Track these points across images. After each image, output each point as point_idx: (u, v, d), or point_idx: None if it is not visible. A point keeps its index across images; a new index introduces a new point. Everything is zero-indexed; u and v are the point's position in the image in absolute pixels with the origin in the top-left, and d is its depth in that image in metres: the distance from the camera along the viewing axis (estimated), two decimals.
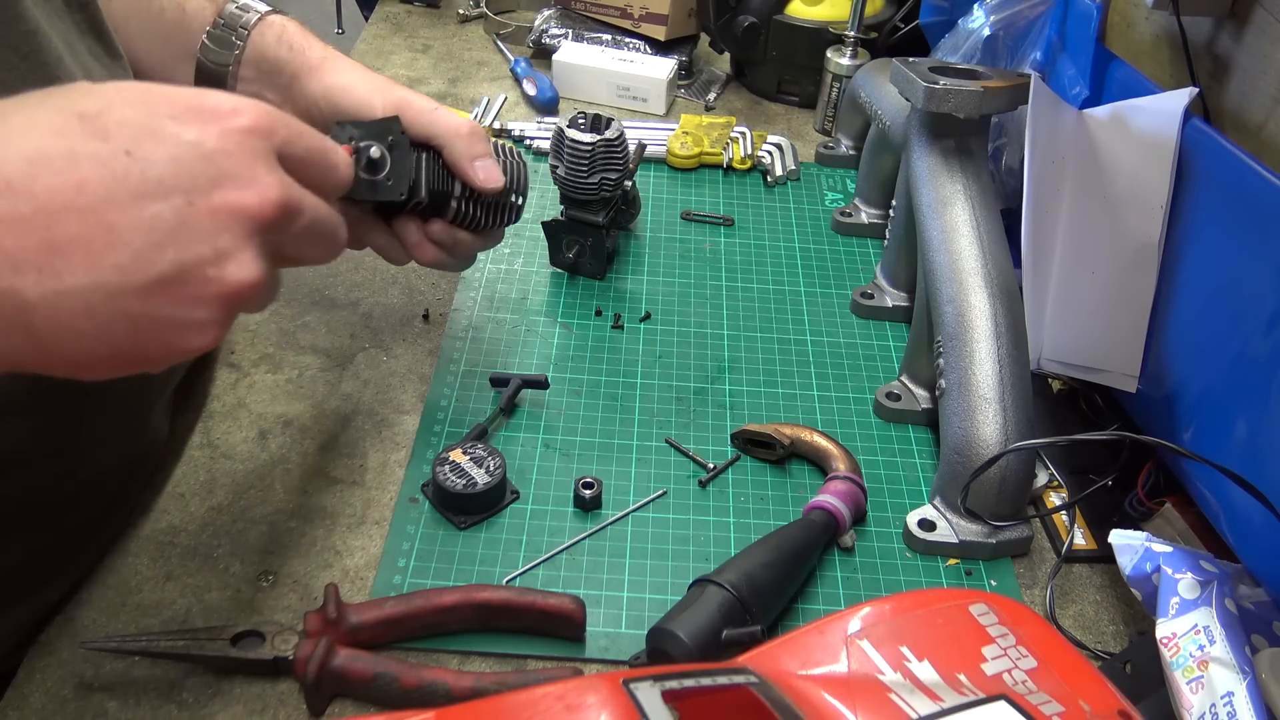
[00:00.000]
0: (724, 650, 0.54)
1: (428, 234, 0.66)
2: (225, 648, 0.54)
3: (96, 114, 0.38)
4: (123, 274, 0.38)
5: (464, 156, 0.64)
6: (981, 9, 0.86)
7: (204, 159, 0.40)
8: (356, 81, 0.65)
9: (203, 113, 0.40)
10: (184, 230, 0.39)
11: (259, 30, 0.66)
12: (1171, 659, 0.52)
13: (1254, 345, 0.59)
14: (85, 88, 0.40)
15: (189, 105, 0.40)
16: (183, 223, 0.39)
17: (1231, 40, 0.68)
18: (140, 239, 0.38)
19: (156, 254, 0.38)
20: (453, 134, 0.63)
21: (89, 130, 0.38)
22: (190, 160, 0.39)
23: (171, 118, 0.40)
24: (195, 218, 0.39)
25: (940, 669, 0.48)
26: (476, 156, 0.64)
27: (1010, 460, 0.64)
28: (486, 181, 0.64)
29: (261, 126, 0.42)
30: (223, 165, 0.40)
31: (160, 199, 0.38)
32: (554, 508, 0.67)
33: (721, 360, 0.81)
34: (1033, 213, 0.70)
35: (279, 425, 0.71)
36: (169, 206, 0.38)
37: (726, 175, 1.05)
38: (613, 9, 1.23)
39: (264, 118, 0.42)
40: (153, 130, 0.39)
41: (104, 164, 0.38)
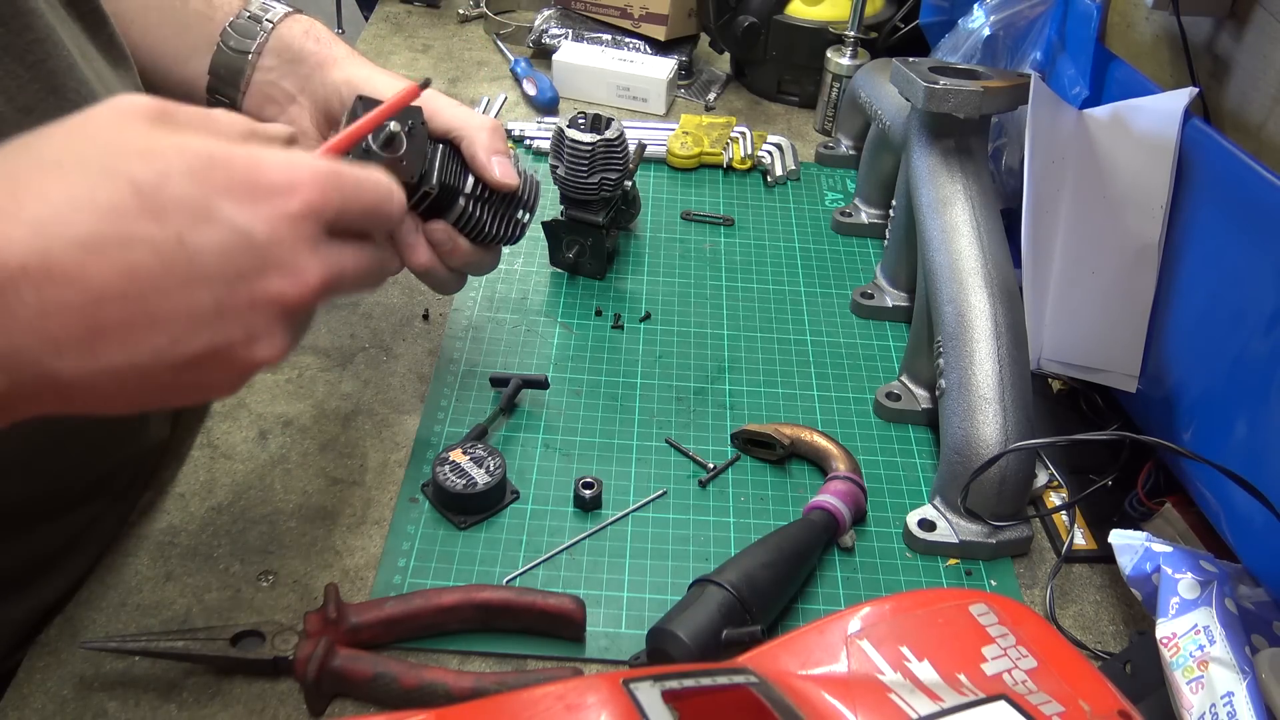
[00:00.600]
0: (724, 650, 0.54)
1: (426, 233, 0.64)
2: (225, 648, 0.54)
3: (153, 189, 0.38)
4: (157, 355, 0.38)
5: (484, 149, 0.63)
6: (981, 9, 0.86)
7: (252, 249, 0.39)
8: (379, 75, 0.66)
9: (257, 192, 0.40)
10: (222, 317, 0.39)
11: (286, 23, 0.67)
12: (1171, 659, 0.52)
13: (1254, 345, 0.59)
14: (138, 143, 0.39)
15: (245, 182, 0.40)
16: (221, 311, 0.39)
17: (1231, 40, 0.68)
18: (180, 325, 0.38)
19: (193, 338, 0.39)
20: (476, 127, 0.63)
21: (144, 209, 0.37)
22: (239, 250, 0.39)
23: (227, 195, 0.39)
24: (235, 305, 0.39)
25: (940, 669, 0.48)
26: (496, 152, 0.64)
27: (1010, 460, 0.64)
28: (502, 178, 0.64)
29: (314, 206, 0.41)
30: (269, 254, 0.40)
31: (204, 287, 0.39)
32: (554, 508, 0.67)
33: (721, 360, 0.81)
34: (1033, 213, 0.70)
35: (279, 425, 0.71)
36: (211, 295, 0.39)
37: (726, 175, 1.05)
38: (613, 9, 1.23)
39: (317, 195, 0.41)
40: (207, 213, 0.39)
41: (157, 251, 0.37)
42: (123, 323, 0.37)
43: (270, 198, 0.40)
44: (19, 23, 0.51)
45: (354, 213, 0.44)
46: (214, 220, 0.39)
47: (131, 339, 0.37)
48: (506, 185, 0.64)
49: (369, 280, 0.46)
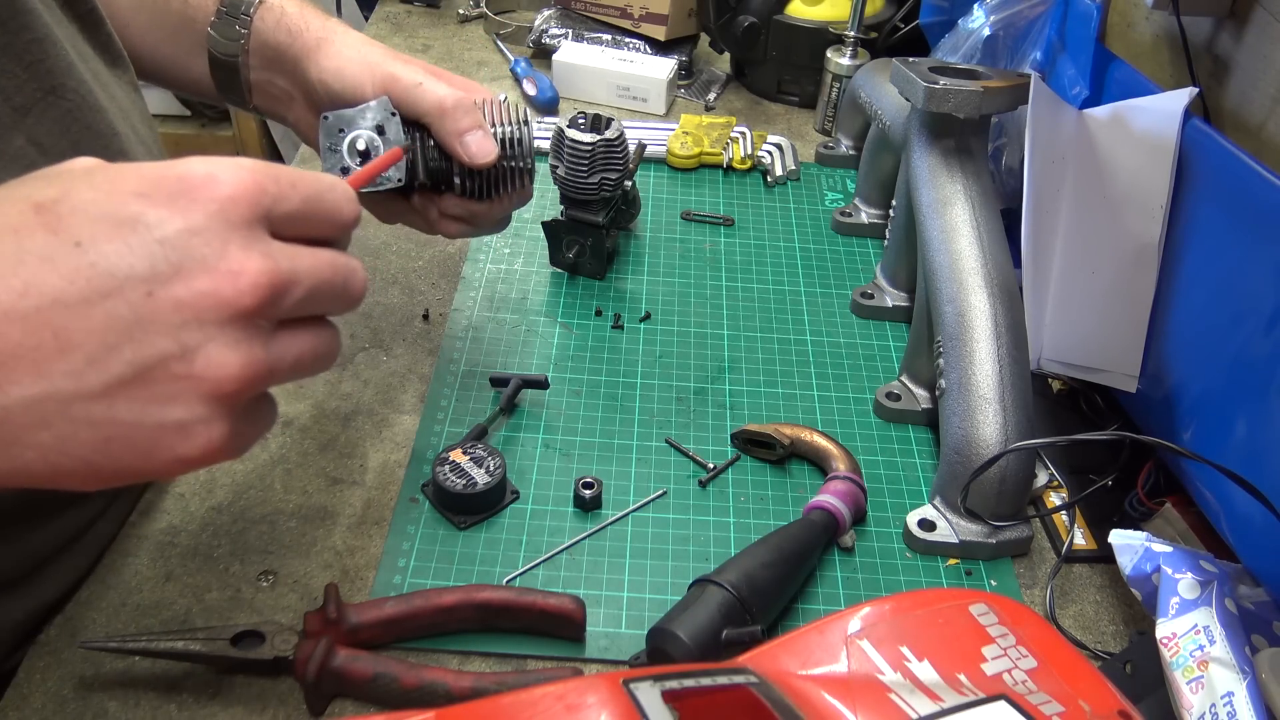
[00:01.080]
0: (724, 650, 0.54)
1: (441, 209, 0.65)
2: (225, 648, 0.54)
3: (53, 202, 0.35)
4: (76, 379, 0.34)
5: (450, 134, 0.61)
6: (981, 9, 0.86)
7: (165, 243, 0.35)
8: (346, 64, 0.63)
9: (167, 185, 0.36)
10: (142, 326, 0.35)
11: (259, 16, 0.65)
12: (1171, 659, 0.52)
13: (1254, 345, 0.59)
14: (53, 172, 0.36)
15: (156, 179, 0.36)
16: (140, 318, 0.35)
17: (1231, 40, 0.68)
18: (92, 340, 0.34)
19: (111, 355, 0.34)
20: (436, 111, 0.61)
21: (40, 223, 0.34)
22: (149, 246, 0.35)
23: (136, 195, 0.36)
24: (155, 311, 0.35)
25: (940, 669, 0.47)
26: (463, 132, 0.61)
27: (1010, 460, 0.64)
28: (476, 156, 0.62)
29: (240, 195, 0.37)
30: (189, 248, 0.35)
31: (115, 295, 0.34)
32: (554, 508, 0.67)
33: (721, 360, 0.81)
34: (1033, 213, 0.70)
35: (279, 425, 0.71)
36: (124, 302, 0.34)
37: (726, 175, 1.05)
38: (613, 9, 1.23)
39: (242, 184, 0.37)
40: (110, 215, 0.35)
41: (50, 260, 0.34)
42: (23, 345, 0.33)
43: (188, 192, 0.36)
44: (16, 22, 0.51)
45: (294, 204, 0.39)
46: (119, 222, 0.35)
47: (38, 363, 0.34)
48: (482, 163, 0.62)
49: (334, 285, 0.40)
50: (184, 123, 2.44)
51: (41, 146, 0.53)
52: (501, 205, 0.67)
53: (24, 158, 0.52)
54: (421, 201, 0.66)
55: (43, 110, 0.53)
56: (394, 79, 0.61)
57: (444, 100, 0.61)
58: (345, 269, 0.41)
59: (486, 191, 0.65)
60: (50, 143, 0.53)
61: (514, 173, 0.66)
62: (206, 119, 2.45)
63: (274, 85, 0.67)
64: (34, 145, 0.52)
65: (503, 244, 0.92)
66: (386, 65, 0.62)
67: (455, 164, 0.64)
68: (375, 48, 0.64)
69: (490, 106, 0.64)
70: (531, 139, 0.66)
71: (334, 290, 0.40)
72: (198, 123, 2.45)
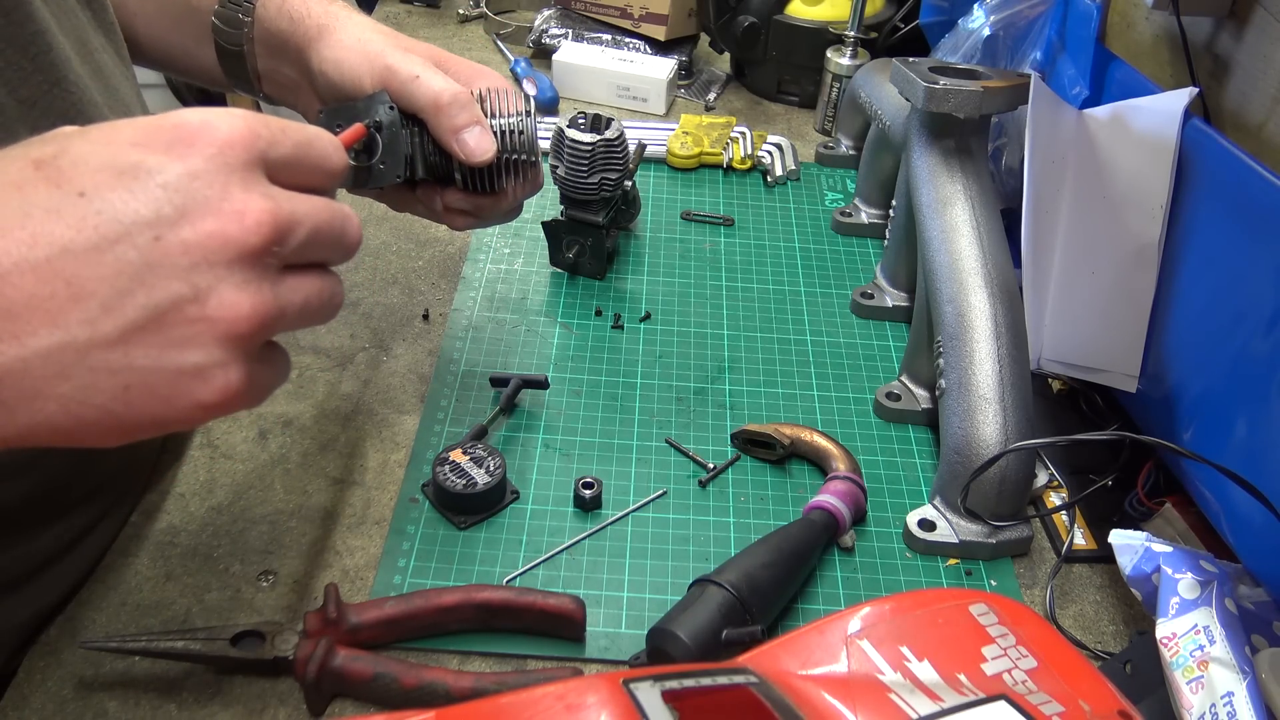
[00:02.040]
0: (724, 650, 0.54)
1: (445, 204, 0.64)
2: (225, 648, 0.54)
3: (52, 157, 0.35)
4: (91, 327, 0.35)
5: (446, 132, 0.59)
6: (981, 9, 0.86)
7: (168, 187, 0.36)
8: (345, 54, 0.61)
9: (164, 134, 0.37)
10: (152, 270, 0.35)
11: (261, 3, 0.64)
12: (1171, 659, 0.52)
13: (1254, 345, 0.59)
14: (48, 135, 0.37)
15: (152, 129, 0.37)
16: (150, 262, 0.35)
17: (1231, 40, 0.68)
18: (104, 287, 0.35)
19: (124, 301, 0.35)
20: (431, 108, 0.59)
21: (41, 177, 0.35)
22: (152, 191, 0.36)
23: (134, 145, 0.36)
24: (165, 254, 0.36)
25: (940, 669, 0.48)
26: (459, 129, 0.59)
27: (1010, 460, 0.64)
28: (473, 154, 0.60)
29: (236, 139, 0.38)
30: (192, 191, 0.36)
31: (123, 240, 0.35)
32: (554, 508, 0.67)
33: (721, 360, 0.81)
34: (1033, 213, 0.70)
35: (279, 425, 0.71)
36: (133, 247, 0.35)
37: (726, 175, 1.05)
38: (613, 9, 1.23)
39: (236, 129, 0.38)
40: (112, 164, 0.36)
41: (55, 211, 0.34)
42: (36, 295, 0.34)
43: (185, 139, 0.37)
44: (21, 13, 0.50)
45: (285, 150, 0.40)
46: (121, 170, 0.36)
47: (52, 313, 0.34)
48: (479, 161, 0.60)
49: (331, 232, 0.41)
50: None
51: None
52: (507, 197, 0.66)
53: None
54: (425, 193, 0.64)
55: (48, 103, 0.53)
56: (391, 72, 0.59)
57: (439, 96, 0.59)
58: (341, 214, 0.42)
59: (488, 185, 0.63)
60: None
61: (516, 165, 0.64)
62: None
63: (280, 74, 0.66)
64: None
65: (503, 244, 0.92)
66: (385, 57, 0.60)
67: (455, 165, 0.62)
68: (377, 35, 0.62)
69: (493, 96, 0.62)
70: (534, 130, 0.63)
71: (333, 234, 0.41)
72: None
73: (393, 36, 0.63)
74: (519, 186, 0.65)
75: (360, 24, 0.63)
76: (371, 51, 0.60)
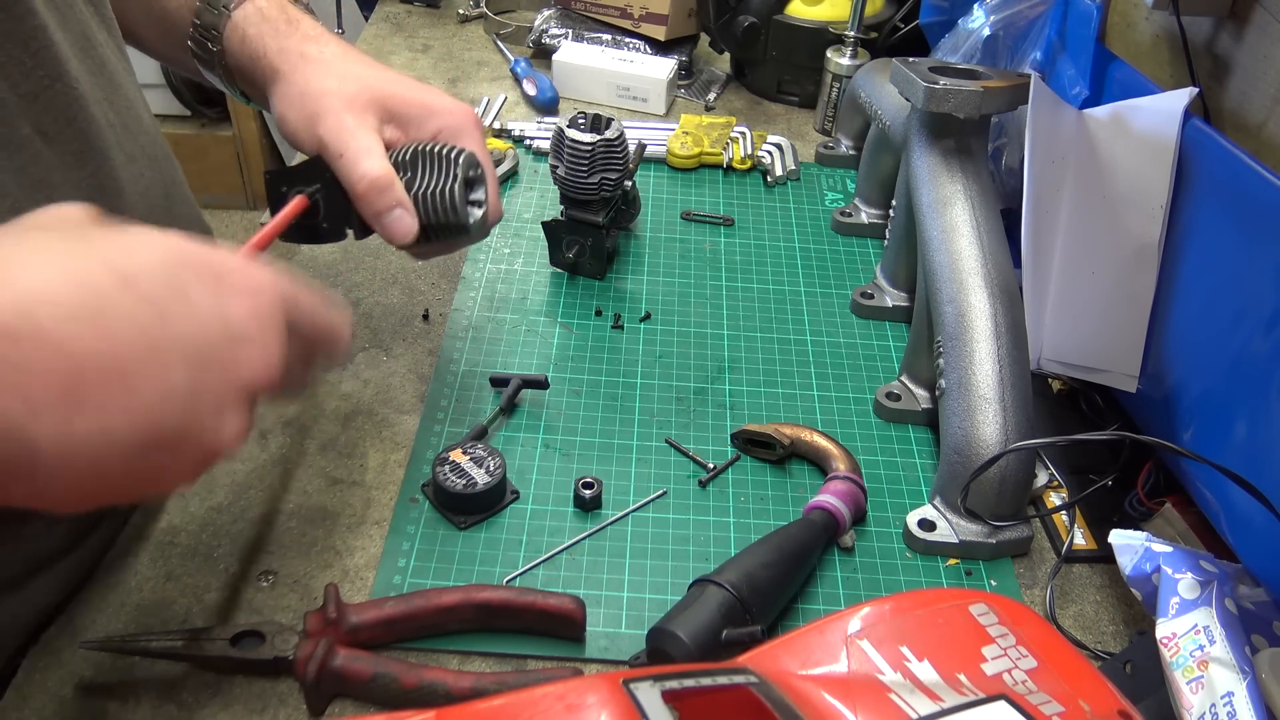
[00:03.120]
0: (724, 650, 0.54)
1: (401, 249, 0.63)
2: (225, 648, 0.54)
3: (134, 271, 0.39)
4: (131, 428, 0.38)
5: (369, 216, 0.60)
6: (981, 9, 0.86)
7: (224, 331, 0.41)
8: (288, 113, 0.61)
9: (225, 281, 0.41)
10: (194, 395, 0.39)
11: (227, 36, 0.64)
12: (1171, 659, 0.52)
13: (1254, 345, 0.59)
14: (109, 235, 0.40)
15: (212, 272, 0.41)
16: (194, 389, 0.39)
17: (1231, 40, 0.68)
18: (155, 398, 0.38)
19: (166, 414, 0.39)
20: (353, 193, 0.59)
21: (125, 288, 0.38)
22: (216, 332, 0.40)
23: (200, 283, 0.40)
24: (208, 385, 0.40)
25: (940, 669, 0.48)
26: (379, 214, 0.59)
27: (1010, 460, 0.64)
28: (394, 237, 0.60)
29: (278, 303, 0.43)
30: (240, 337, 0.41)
31: (181, 364, 0.39)
32: (554, 508, 0.67)
33: (721, 360, 0.81)
34: (1033, 213, 0.70)
35: (279, 425, 0.71)
36: (186, 372, 0.39)
37: (726, 175, 1.05)
38: (613, 9, 1.23)
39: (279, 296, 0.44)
40: (184, 295, 0.40)
41: (137, 324, 0.38)
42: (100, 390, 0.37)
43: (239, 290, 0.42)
44: (21, 8, 0.51)
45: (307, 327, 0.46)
46: (191, 302, 0.40)
47: (108, 408, 0.37)
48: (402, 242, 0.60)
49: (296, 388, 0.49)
50: (184, 122, 2.44)
51: (47, 135, 0.53)
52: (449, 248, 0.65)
53: (29, 146, 0.52)
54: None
55: (49, 98, 0.53)
56: (322, 144, 0.59)
57: (356, 184, 0.59)
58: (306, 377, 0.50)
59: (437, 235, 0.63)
60: (55, 131, 0.53)
61: (443, 229, 0.62)
62: (206, 119, 2.45)
63: (261, 98, 0.66)
64: (39, 134, 0.53)
65: (503, 244, 0.92)
66: (318, 124, 0.60)
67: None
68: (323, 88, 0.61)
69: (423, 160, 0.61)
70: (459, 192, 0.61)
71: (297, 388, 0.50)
72: (198, 123, 2.45)
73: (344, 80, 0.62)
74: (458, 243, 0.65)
75: (312, 69, 0.62)
76: (310, 113, 0.60)
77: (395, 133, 0.63)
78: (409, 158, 0.61)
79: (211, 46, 0.64)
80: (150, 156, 0.63)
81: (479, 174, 0.63)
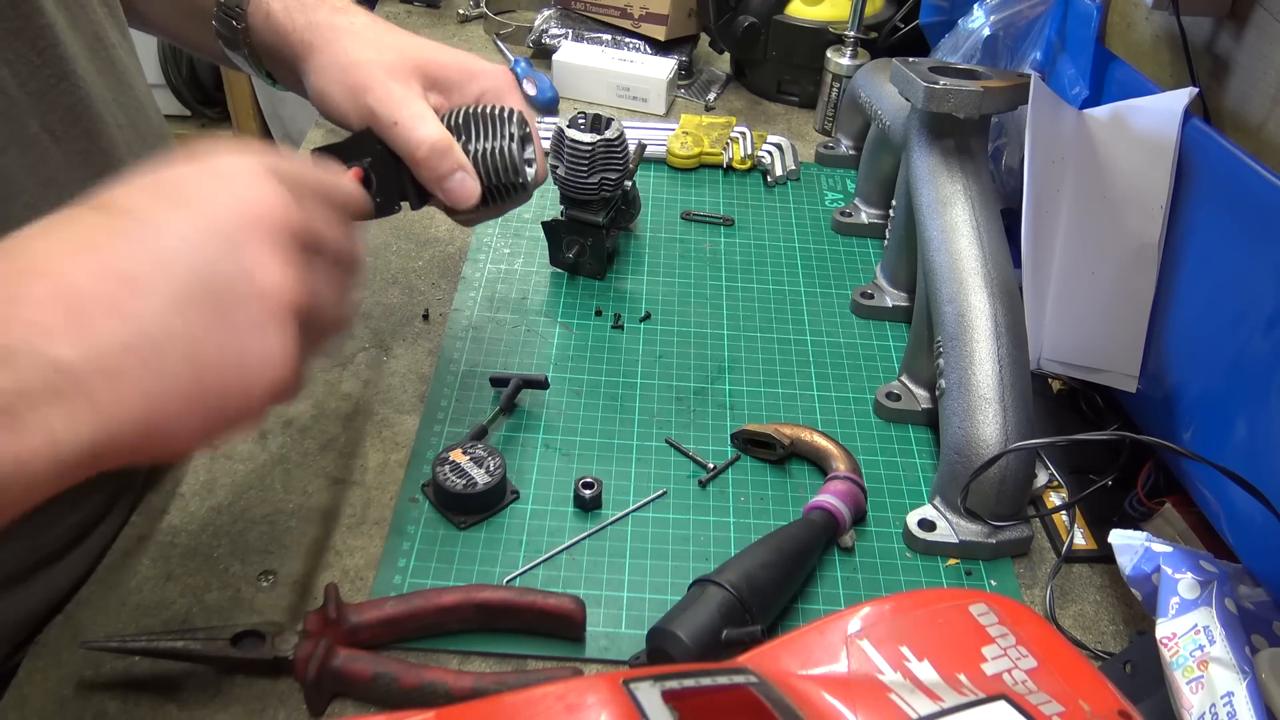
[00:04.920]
0: (724, 650, 0.54)
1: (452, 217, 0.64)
2: (225, 648, 0.54)
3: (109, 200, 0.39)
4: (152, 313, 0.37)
5: (429, 182, 0.60)
6: (981, 9, 0.86)
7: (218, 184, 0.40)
8: (329, 87, 0.60)
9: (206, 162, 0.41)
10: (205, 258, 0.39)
11: (250, 13, 0.63)
12: (1171, 659, 0.52)
13: (1254, 345, 0.59)
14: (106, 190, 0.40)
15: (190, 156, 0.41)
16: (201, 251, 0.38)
17: (1231, 40, 0.68)
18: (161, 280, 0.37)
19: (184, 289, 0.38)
20: (411, 160, 0.59)
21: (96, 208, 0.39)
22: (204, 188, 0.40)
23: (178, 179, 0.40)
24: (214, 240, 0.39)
25: (940, 669, 0.48)
26: (440, 179, 0.59)
27: (1010, 460, 0.64)
28: (458, 202, 0.60)
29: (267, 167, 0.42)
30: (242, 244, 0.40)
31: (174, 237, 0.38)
32: (554, 508, 0.67)
33: (721, 360, 0.81)
34: (1033, 213, 0.69)
35: (279, 425, 0.71)
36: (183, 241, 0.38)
37: (726, 175, 1.05)
38: (613, 9, 1.23)
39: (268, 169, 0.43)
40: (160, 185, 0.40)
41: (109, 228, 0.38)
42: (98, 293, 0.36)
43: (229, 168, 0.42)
44: (29, 6, 0.51)
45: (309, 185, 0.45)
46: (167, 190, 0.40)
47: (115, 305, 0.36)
48: (466, 206, 0.60)
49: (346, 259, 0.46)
50: (184, 123, 2.45)
51: (54, 133, 0.53)
52: (503, 209, 0.66)
53: (38, 144, 0.52)
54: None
55: (56, 97, 0.53)
56: (372, 114, 0.59)
57: (416, 150, 0.58)
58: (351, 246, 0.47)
59: (488, 201, 0.63)
60: (62, 130, 0.53)
61: (503, 190, 0.63)
62: (206, 119, 2.45)
63: (291, 77, 0.66)
64: (46, 131, 0.53)
65: (503, 244, 0.92)
66: (367, 94, 0.59)
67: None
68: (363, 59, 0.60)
69: (475, 123, 0.61)
70: (517, 151, 0.62)
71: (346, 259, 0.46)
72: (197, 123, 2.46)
73: (381, 49, 0.61)
74: (510, 203, 0.65)
75: (348, 40, 0.61)
76: (354, 85, 0.59)
77: (438, 99, 0.62)
78: (460, 121, 0.61)
79: (236, 25, 0.64)
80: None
81: (528, 132, 0.63)
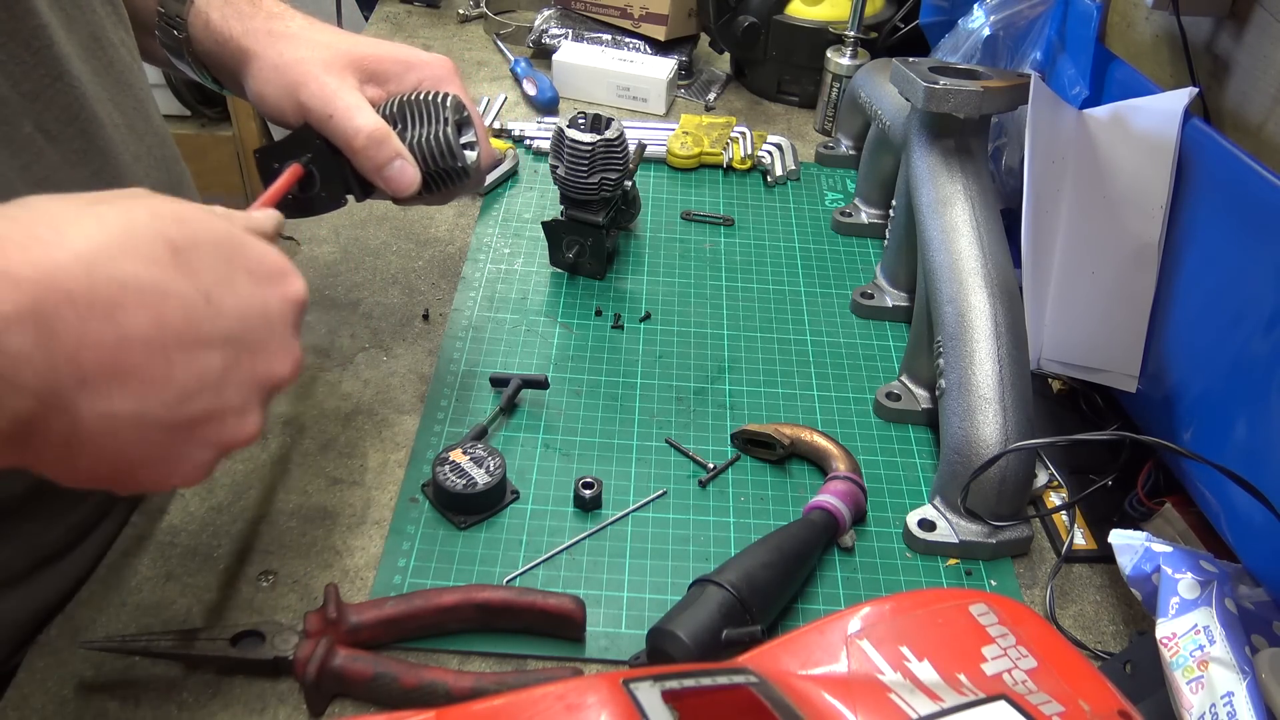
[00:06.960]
0: (724, 650, 0.54)
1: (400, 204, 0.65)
2: (225, 648, 0.54)
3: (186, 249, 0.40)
4: (164, 409, 0.39)
5: (369, 172, 0.60)
6: (981, 9, 0.86)
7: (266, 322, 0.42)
8: (266, 90, 0.61)
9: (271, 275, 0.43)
10: (225, 382, 0.40)
11: (190, 24, 0.64)
12: (1171, 659, 0.52)
13: (1254, 345, 0.59)
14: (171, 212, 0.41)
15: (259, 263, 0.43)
16: (226, 376, 0.40)
17: (1231, 40, 0.68)
18: (190, 381, 0.39)
19: (197, 398, 0.40)
20: (349, 151, 0.59)
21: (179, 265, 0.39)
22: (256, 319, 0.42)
23: (246, 272, 0.42)
24: (238, 373, 0.41)
25: (940, 669, 0.48)
26: (380, 167, 0.59)
27: (1010, 460, 0.64)
28: (399, 190, 0.60)
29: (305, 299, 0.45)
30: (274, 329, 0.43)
31: (219, 350, 0.40)
32: (554, 508, 0.67)
33: (721, 360, 0.81)
34: (1033, 213, 0.70)
35: (279, 425, 0.71)
36: (222, 359, 0.40)
37: (726, 175, 1.05)
38: (613, 9, 1.23)
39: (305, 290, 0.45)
40: (230, 280, 0.41)
41: (185, 305, 0.39)
42: (142, 367, 0.37)
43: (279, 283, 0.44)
44: (21, 8, 0.51)
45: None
46: (236, 289, 0.41)
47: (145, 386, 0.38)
48: (407, 193, 0.61)
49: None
50: (184, 122, 2.44)
51: (49, 134, 0.53)
52: (450, 195, 0.66)
53: (32, 145, 0.52)
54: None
55: (50, 97, 0.53)
56: (307, 110, 0.59)
57: (353, 140, 0.58)
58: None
59: (435, 187, 0.63)
60: (58, 130, 0.53)
61: (444, 175, 0.63)
62: (206, 119, 2.45)
63: (234, 83, 0.66)
64: (41, 132, 0.53)
65: (503, 244, 0.92)
66: (300, 91, 0.59)
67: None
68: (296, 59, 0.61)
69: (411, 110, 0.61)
70: (453, 135, 0.62)
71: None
72: (197, 123, 2.45)
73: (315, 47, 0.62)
74: (456, 189, 0.65)
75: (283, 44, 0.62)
76: (289, 83, 0.60)
77: (376, 91, 0.63)
78: (396, 110, 0.62)
79: (178, 34, 0.64)
80: (158, 158, 0.63)
81: (466, 116, 0.64)
